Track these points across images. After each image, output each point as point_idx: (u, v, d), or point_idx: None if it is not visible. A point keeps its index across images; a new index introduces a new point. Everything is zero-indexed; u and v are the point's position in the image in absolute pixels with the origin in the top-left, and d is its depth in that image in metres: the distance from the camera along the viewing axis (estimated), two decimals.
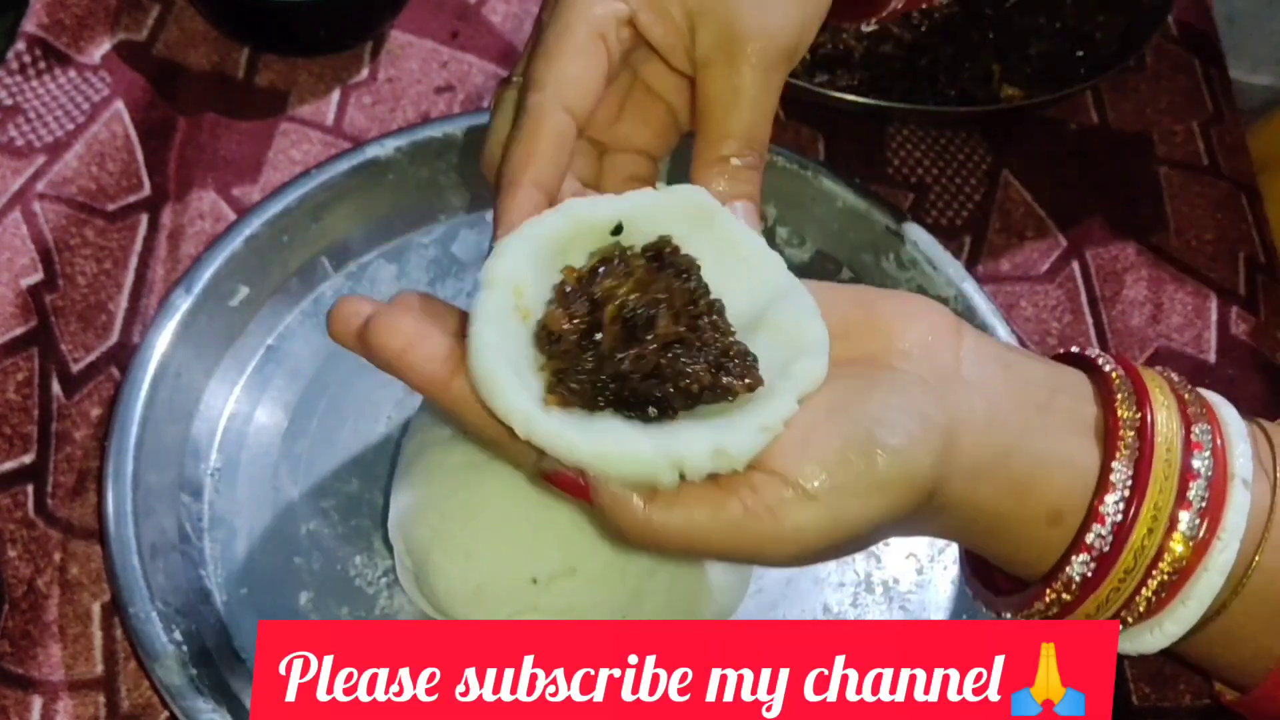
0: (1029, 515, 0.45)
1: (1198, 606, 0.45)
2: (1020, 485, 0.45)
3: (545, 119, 0.47)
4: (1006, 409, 0.45)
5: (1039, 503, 0.45)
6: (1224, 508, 0.44)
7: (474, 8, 0.79)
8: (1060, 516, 0.45)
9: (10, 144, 0.70)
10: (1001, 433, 0.45)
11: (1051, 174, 0.77)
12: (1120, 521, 0.44)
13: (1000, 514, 0.45)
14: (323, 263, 0.68)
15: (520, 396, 0.41)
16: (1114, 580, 0.44)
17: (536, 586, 0.55)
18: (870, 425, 0.42)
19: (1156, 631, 0.45)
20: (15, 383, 0.64)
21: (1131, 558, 0.44)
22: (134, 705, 0.58)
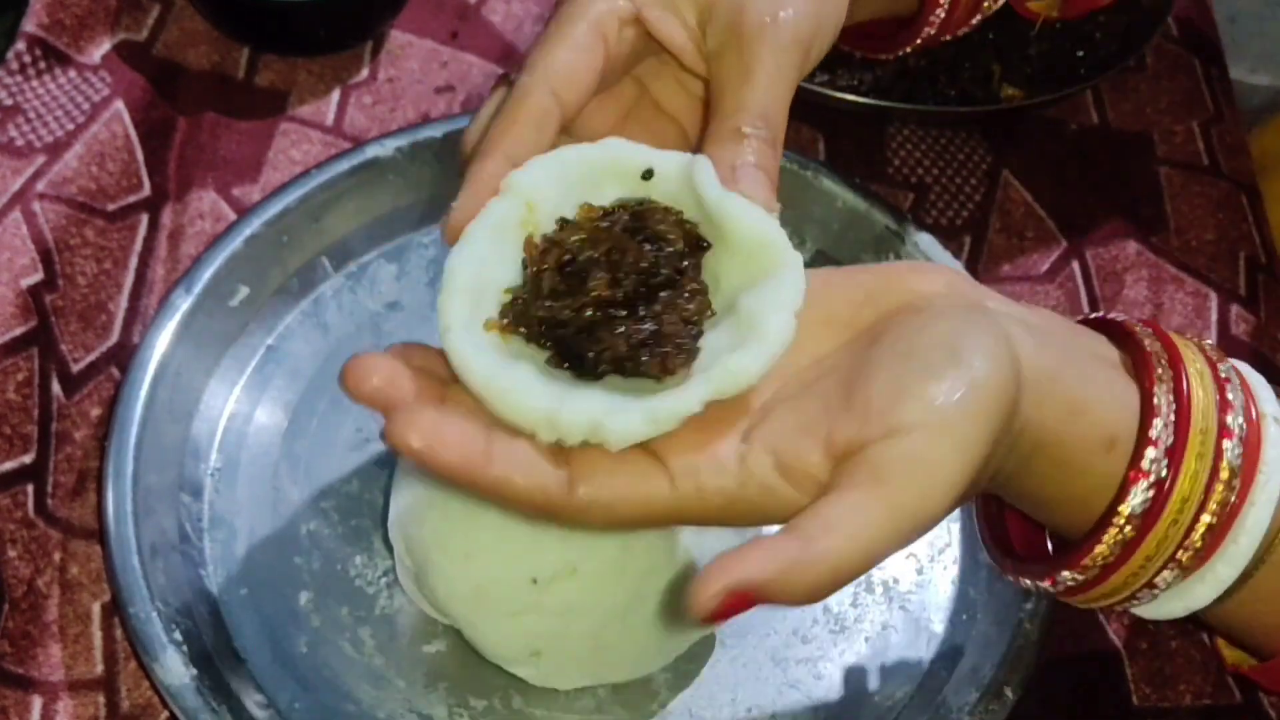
0: (1087, 441, 0.45)
1: (1249, 544, 0.46)
2: (1075, 407, 0.45)
3: (529, 97, 0.47)
4: (1044, 331, 0.46)
5: (1094, 426, 0.46)
6: (1261, 442, 0.46)
7: (474, 8, 0.79)
8: (1115, 442, 0.46)
9: (10, 144, 0.70)
10: (1048, 352, 0.46)
11: (1051, 174, 0.77)
12: (1171, 445, 0.45)
13: (1062, 441, 0.45)
14: (323, 263, 0.68)
15: (459, 307, 0.41)
16: (1172, 511, 0.45)
17: (536, 586, 0.55)
18: (946, 343, 0.42)
19: (1209, 577, 0.46)
20: (15, 383, 0.64)
21: (1187, 484, 0.45)
22: (134, 705, 0.58)
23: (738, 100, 0.48)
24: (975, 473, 0.42)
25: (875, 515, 0.40)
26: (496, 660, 0.57)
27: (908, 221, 0.69)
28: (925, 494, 0.41)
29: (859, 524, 0.40)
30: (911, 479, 0.41)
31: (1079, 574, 0.47)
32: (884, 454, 0.41)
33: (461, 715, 0.58)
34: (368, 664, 0.59)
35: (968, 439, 0.41)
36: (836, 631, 0.61)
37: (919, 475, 0.41)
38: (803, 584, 0.40)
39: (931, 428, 0.41)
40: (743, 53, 0.49)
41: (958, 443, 0.41)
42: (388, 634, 0.59)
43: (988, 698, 0.58)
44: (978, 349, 0.43)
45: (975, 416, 0.41)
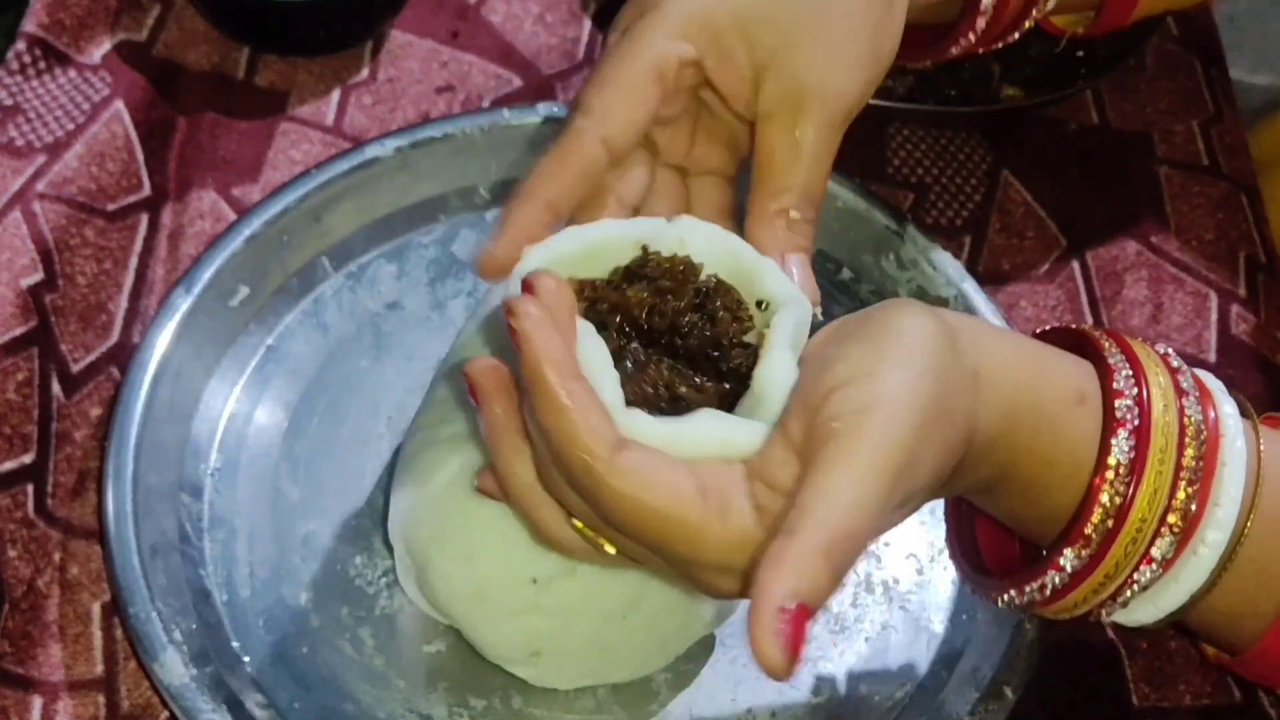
0: (1056, 392, 0.47)
1: (1230, 505, 0.47)
2: (1030, 355, 0.48)
3: (580, 145, 0.48)
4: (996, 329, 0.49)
5: (1060, 378, 0.48)
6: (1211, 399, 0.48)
7: (474, 8, 0.79)
8: (1084, 397, 0.47)
9: (10, 144, 0.70)
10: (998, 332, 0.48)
11: (1051, 174, 0.77)
12: (1138, 395, 0.47)
13: (1033, 388, 0.47)
14: (323, 262, 0.68)
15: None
16: (1154, 463, 0.46)
17: (536, 586, 0.55)
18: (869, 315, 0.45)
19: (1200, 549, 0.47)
20: (15, 383, 0.64)
21: (1161, 436, 0.46)
22: (134, 705, 0.58)
23: (786, 179, 0.50)
24: (928, 402, 0.42)
25: (847, 471, 0.41)
26: (496, 660, 0.58)
27: (908, 221, 0.69)
28: (883, 428, 0.41)
29: (838, 485, 0.40)
30: (866, 420, 0.41)
31: (1081, 548, 0.47)
32: (831, 413, 0.42)
33: (461, 715, 0.58)
34: (368, 664, 0.59)
35: (912, 370, 0.42)
36: (836, 631, 0.61)
37: (873, 416, 0.41)
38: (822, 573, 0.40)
39: (867, 372, 0.42)
40: (795, 125, 0.50)
41: (899, 370, 0.42)
42: (388, 634, 0.59)
43: (987, 698, 0.58)
44: (902, 316, 0.44)
45: (911, 350, 0.43)
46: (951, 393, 0.43)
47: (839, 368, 0.43)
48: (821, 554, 0.40)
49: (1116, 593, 0.48)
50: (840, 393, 0.42)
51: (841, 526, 0.40)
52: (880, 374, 0.42)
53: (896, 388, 0.42)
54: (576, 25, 0.79)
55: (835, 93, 0.50)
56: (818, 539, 0.40)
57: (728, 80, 0.51)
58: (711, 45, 0.50)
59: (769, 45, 0.50)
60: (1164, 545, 0.47)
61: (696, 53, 0.50)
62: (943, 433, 0.43)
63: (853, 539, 0.40)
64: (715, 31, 0.50)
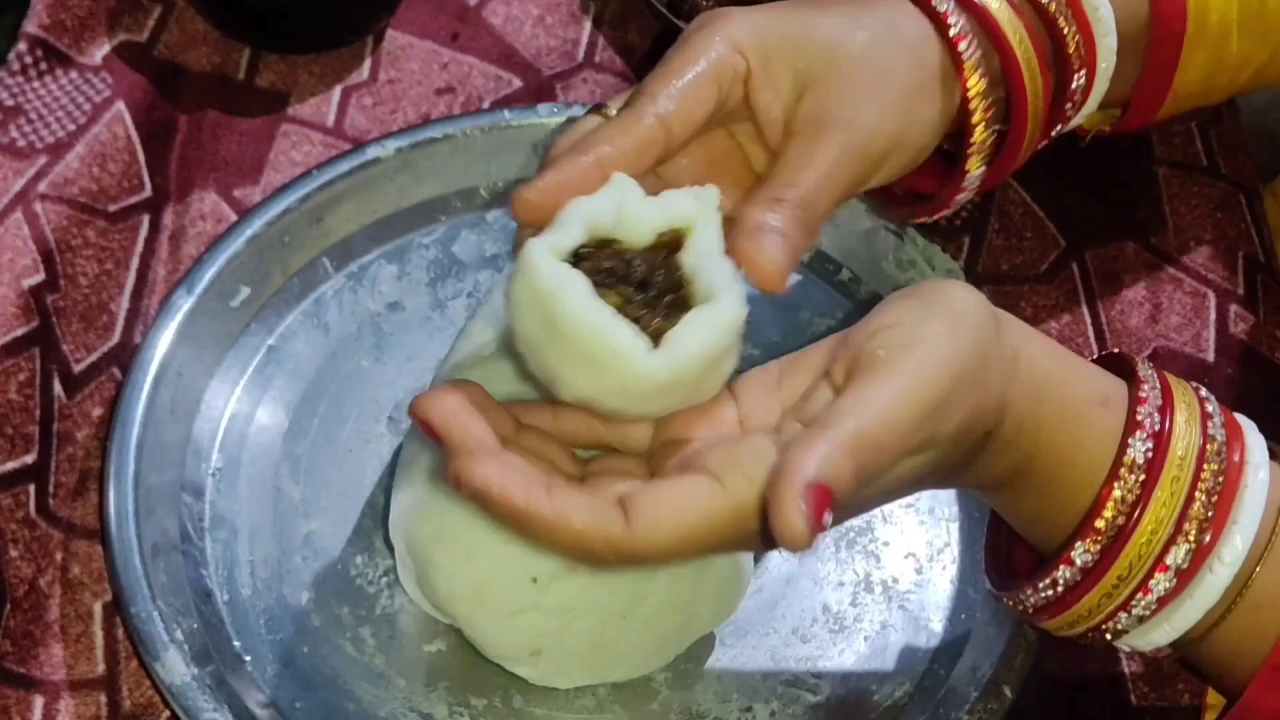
0: (1084, 390, 0.49)
1: (1250, 524, 0.47)
2: (1062, 353, 0.49)
3: (643, 121, 0.49)
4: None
5: (1088, 378, 0.49)
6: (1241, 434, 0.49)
7: (474, 10, 0.79)
8: (1109, 400, 0.49)
9: (12, 145, 0.70)
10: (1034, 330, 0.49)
11: (1050, 174, 0.77)
12: (1161, 405, 0.48)
13: (1063, 381, 0.48)
14: (324, 263, 0.68)
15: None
16: (1171, 467, 0.47)
17: (536, 586, 0.55)
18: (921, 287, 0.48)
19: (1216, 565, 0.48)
20: (17, 383, 0.64)
21: (1180, 444, 0.48)
22: (135, 705, 0.58)
23: (791, 179, 0.51)
24: (967, 359, 0.44)
25: (886, 387, 0.43)
26: (497, 659, 0.58)
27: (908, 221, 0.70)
28: (924, 363, 0.44)
29: (875, 396, 0.43)
30: (909, 353, 0.44)
31: (1091, 545, 0.48)
32: (877, 344, 0.44)
33: (462, 714, 0.58)
34: (368, 663, 0.59)
35: (957, 330, 0.45)
36: (836, 631, 0.62)
37: (915, 351, 0.44)
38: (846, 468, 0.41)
39: (915, 320, 0.45)
40: (813, 141, 0.52)
41: (946, 325, 0.45)
42: (388, 633, 0.60)
43: (987, 697, 0.58)
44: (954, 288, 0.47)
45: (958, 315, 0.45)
46: (988, 363, 0.45)
47: (887, 315, 0.46)
48: (848, 450, 0.41)
49: (1129, 600, 0.48)
50: (886, 332, 0.45)
51: (870, 432, 0.42)
52: (927, 324, 0.45)
53: (941, 337, 0.44)
54: (577, 27, 0.79)
55: (855, 122, 0.52)
56: (846, 435, 0.42)
57: (768, 103, 0.52)
58: (761, 63, 0.52)
59: (813, 69, 0.52)
60: (1179, 554, 0.47)
61: (748, 66, 0.52)
62: (975, 396, 0.45)
63: (878, 448, 0.42)
64: (767, 52, 0.52)
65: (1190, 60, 0.62)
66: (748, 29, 0.52)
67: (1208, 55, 0.62)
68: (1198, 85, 0.64)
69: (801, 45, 0.52)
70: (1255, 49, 0.63)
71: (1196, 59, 0.62)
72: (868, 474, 0.42)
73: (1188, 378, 0.51)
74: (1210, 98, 0.67)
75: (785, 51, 0.52)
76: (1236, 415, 0.51)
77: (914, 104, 0.54)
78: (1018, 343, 0.47)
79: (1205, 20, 0.61)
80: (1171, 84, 0.63)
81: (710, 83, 0.51)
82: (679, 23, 0.73)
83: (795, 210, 0.50)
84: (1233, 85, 0.66)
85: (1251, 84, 0.67)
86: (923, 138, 0.55)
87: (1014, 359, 0.47)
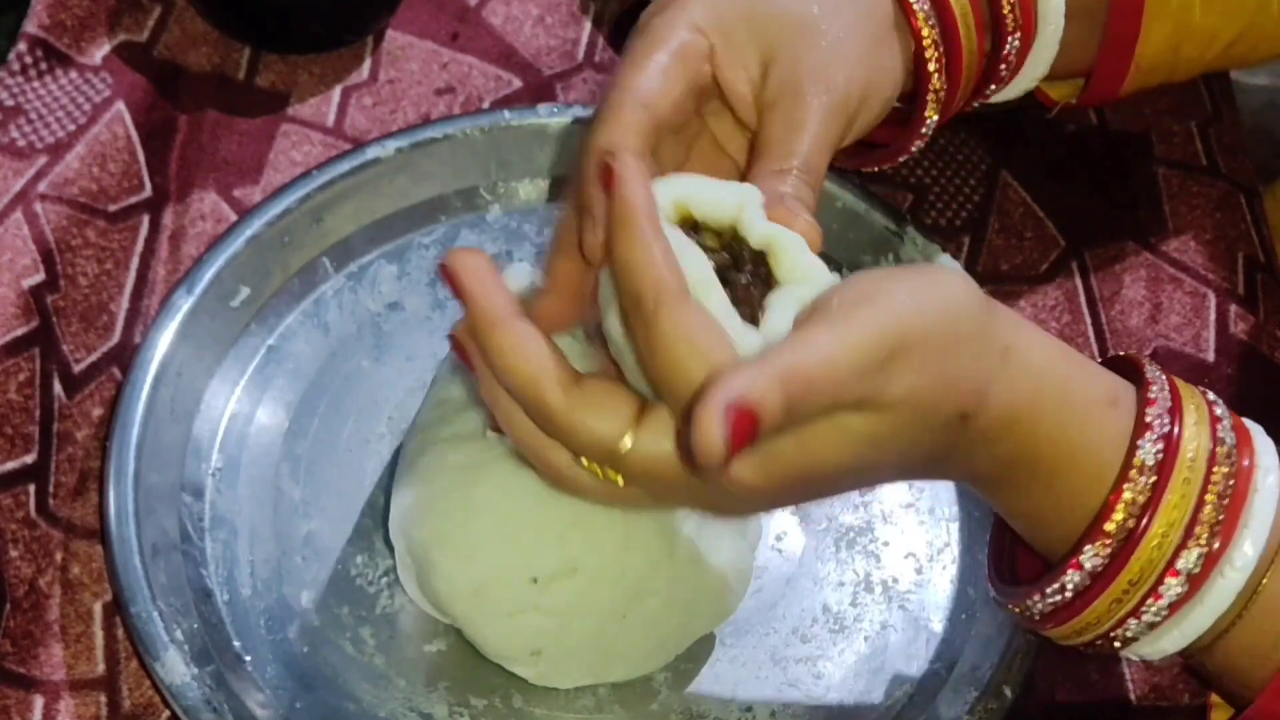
0: (1089, 390, 0.48)
1: (1261, 528, 0.47)
2: (1068, 353, 0.49)
3: (623, 110, 0.50)
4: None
5: (1095, 377, 0.49)
6: (1250, 438, 0.49)
7: (474, 10, 0.79)
8: (1117, 400, 0.48)
9: (12, 145, 0.70)
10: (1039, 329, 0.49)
11: (1051, 174, 0.77)
12: (1171, 406, 0.48)
13: (1067, 379, 0.48)
14: (324, 263, 0.68)
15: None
16: (1182, 469, 0.47)
17: (537, 586, 0.55)
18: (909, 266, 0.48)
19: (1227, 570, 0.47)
20: (17, 383, 0.64)
21: (1191, 446, 0.47)
22: (135, 705, 0.58)
23: (786, 148, 0.52)
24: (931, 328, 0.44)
25: (828, 331, 0.42)
26: (497, 659, 0.58)
27: (907, 222, 0.70)
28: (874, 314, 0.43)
29: (821, 341, 0.42)
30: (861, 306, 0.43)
31: (1100, 548, 0.47)
32: (835, 297, 0.44)
33: (462, 714, 0.58)
34: (368, 663, 0.59)
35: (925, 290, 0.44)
36: (836, 631, 0.62)
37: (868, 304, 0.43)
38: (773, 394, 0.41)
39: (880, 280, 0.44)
40: (795, 107, 0.52)
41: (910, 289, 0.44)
42: (388, 633, 0.60)
43: (987, 697, 0.58)
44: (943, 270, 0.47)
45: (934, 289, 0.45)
46: (962, 339, 0.45)
47: (860, 277, 0.45)
48: (776, 378, 0.41)
49: (1140, 606, 0.47)
50: (849, 287, 0.44)
51: (802, 366, 0.41)
52: (890, 285, 0.44)
53: (899, 297, 0.44)
54: (576, 27, 0.79)
55: (833, 81, 0.53)
56: (777, 365, 0.41)
57: (735, 78, 0.53)
58: (724, 41, 0.53)
59: (776, 40, 0.53)
60: (1190, 558, 0.47)
61: (710, 43, 0.52)
62: (938, 366, 0.44)
63: (809, 384, 0.41)
64: (727, 28, 0.53)
65: (1151, 31, 0.62)
66: (704, 7, 0.53)
67: (1170, 26, 0.63)
68: (1162, 57, 0.64)
69: (760, 17, 0.53)
70: (1221, 22, 0.64)
71: (1159, 30, 0.62)
72: (798, 410, 0.42)
73: (1188, 378, 0.50)
74: (1179, 71, 0.67)
75: (745, 25, 0.53)
76: (1245, 419, 0.50)
77: (877, 54, 0.55)
78: (1013, 337, 0.47)
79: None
80: (1133, 55, 0.63)
81: (677, 65, 0.51)
82: None
83: (802, 176, 0.51)
84: (1202, 59, 0.66)
85: (1225, 60, 0.67)
86: (890, 86, 0.56)
87: (1006, 350, 0.46)
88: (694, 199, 0.47)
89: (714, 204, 0.47)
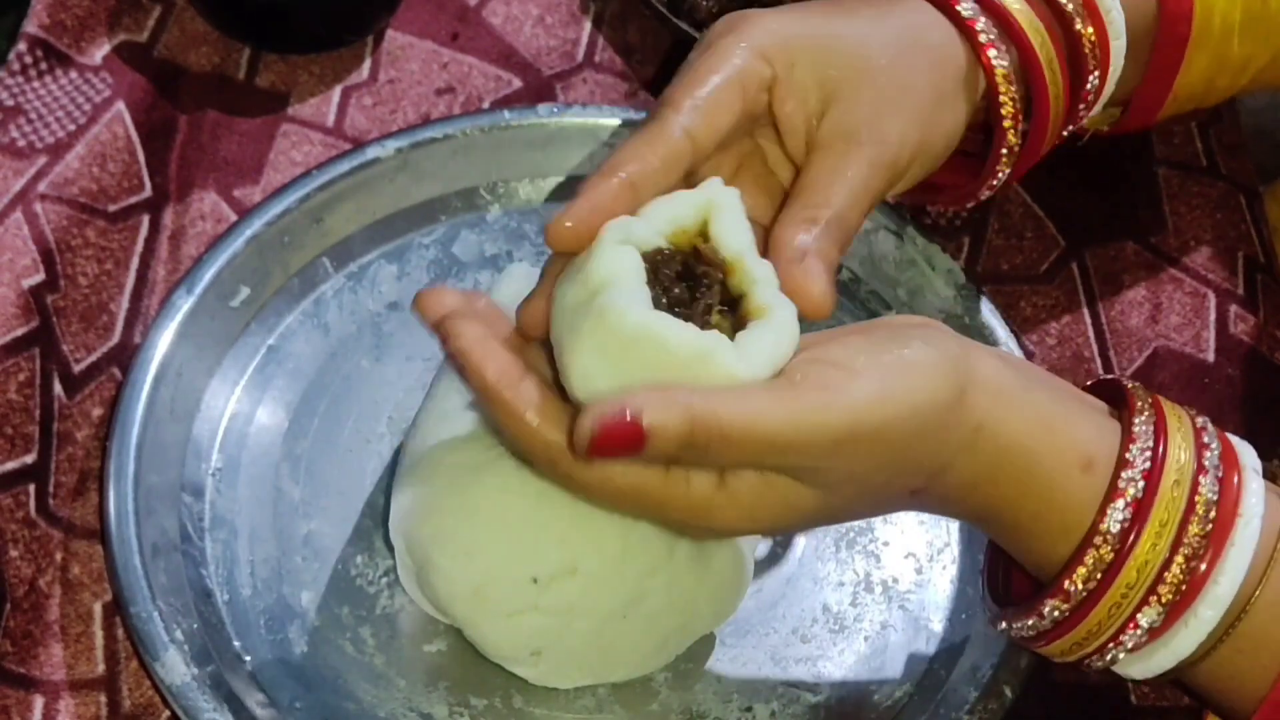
0: (1061, 457, 0.47)
1: (1230, 586, 0.46)
2: (1046, 420, 0.48)
3: (668, 133, 0.49)
4: (1018, 362, 0.49)
5: (1069, 443, 0.48)
6: (1240, 483, 0.48)
7: (474, 10, 0.79)
8: (1092, 463, 0.47)
9: (12, 145, 0.70)
10: (1014, 371, 0.48)
11: (1050, 174, 0.77)
12: (1149, 469, 0.47)
13: (1034, 451, 0.47)
14: (324, 263, 0.68)
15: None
16: (1151, 534, 0.46)
17: (537, 586, 0.55)
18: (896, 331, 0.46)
19: (1192, 621, 0.47)
20: (17, 383, 0.64)
21: (1164, 510, 0.46)
22: (135, 705, 0.58)
23: (823, 195, 0.50)
24: (895, 420, 0.44)
25: (765, 399, 0.43)
26: (497, 659, 0.58)
27: (907, 222, 0.70)
28: (828, 408, 0.43)
29: (758, 405, 0.43)
30: (827, 394, 0.43)
31: (1062, 601, 0.48)
32: (822, 371, 0.44)
33: (462, 714, 0.58)
34: (368, 663, 0.59)
35: (890, 393, 0.44)
36: (836, 631, 0.62)
37: (836, 397, 0.43)
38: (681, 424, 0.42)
39: (862, 372, 0.44)
40: (843, 155, 0.51)
41: (882, 391, 0.44)
42: (388, 633, 0.60)
43: (987, 697, 0.58)
44: (922, 338, 0.46)
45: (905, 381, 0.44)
46: (921, 435, 0.45)
47: (832, 349, 0.45)
48: (685, 411, 0.42)
49: (1102, 649, 0.48)
50: (817, 365, 0.44)
51: (722, 418, 0.42)
52: (860, 378, 0.44)
53: (867, 391, 0.44)
54: (576, 27, 0.79)
55: (883, 135, 0.52)
56: (692, 404, 0.42)
57: (791, 112, 0.52)
58: (786, 72, 0.52)
59: (839, 80, 0.52)
60: (1151, 614, 0.47)
61: (773, 74, 0.51)
62: (893, 459, 0.45)
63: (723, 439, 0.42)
64: (791, 60, 0.52)
65: (1193, 62, 0.62)
66: (773, 35, 0.51)
67: (1210, 57, 0.62)
68: (1198, 87, 0.64)
69: (827, 53, 0.52)
70: (1257, 50, 0.63)
71: (1199, 60, 0.62)
72: (697, 451, 0.42)
73: (1188, 378, 0.50)
74: (1210, 99, 0.67)
75: (811, 60, 0.52)
76: (1240, 449, 0.49)
77: (937, 112, 0.54)
78: (987, 415, 0.46)
79: (1209, 22, 0.61)
80: (1173, 85, 0.63)
81: (735, 92, 0.50)
82: (678, 22, 0.73)
83: (831, 230, 0.50)
84: (1233, 86, 0.66)
85: (1252, 85, 0.67)
86: (944, 144, 0.55)
87: (976, 429, 0.46)
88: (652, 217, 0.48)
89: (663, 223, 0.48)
